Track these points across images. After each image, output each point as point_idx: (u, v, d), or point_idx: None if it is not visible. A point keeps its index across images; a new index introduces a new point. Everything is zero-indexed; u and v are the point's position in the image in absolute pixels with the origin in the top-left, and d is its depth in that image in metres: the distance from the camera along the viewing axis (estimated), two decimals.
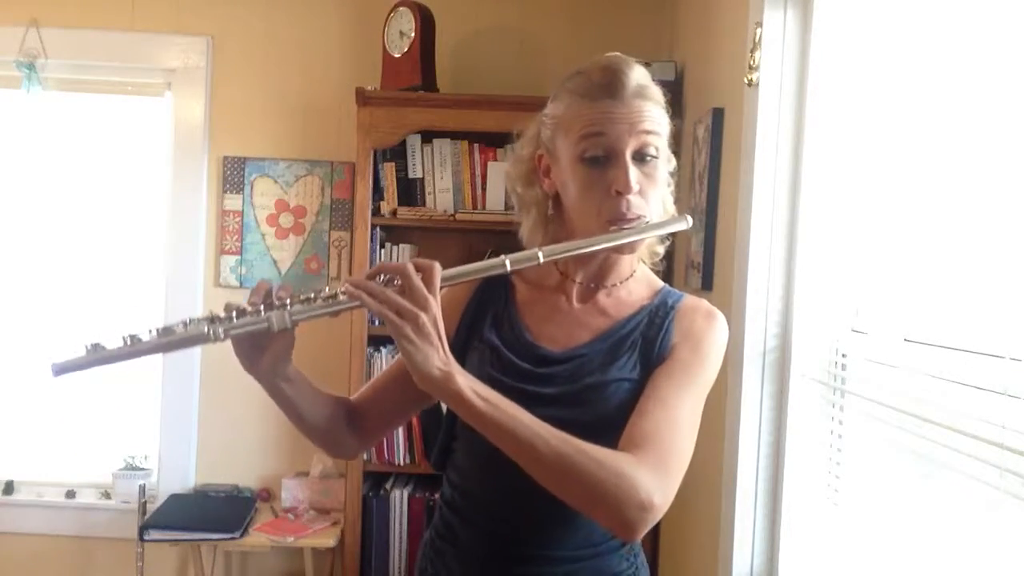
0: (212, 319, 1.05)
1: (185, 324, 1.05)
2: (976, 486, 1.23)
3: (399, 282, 1.05)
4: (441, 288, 1.06)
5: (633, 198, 1.14)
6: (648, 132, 1.14)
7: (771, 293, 1.90)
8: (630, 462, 1.03)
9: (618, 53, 1.19)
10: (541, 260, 1.12)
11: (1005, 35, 1.27)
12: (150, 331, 1.05)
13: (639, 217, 1.15)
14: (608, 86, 1.14)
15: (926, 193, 1.51)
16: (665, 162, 1.19)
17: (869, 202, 1.73)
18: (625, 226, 1.14)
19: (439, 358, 1.03)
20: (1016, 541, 1.14)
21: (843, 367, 1.75)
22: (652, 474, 1.03)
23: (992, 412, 1.19)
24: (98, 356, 1.03)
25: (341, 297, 1.06)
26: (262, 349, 1.11)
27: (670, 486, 1.06)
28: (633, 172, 1.13)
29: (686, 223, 1.20)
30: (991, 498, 1.19)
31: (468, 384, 1.03)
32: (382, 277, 1.07)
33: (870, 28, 1.71)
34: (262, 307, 1.06)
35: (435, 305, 1.04)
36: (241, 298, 1.09)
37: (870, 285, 1.72)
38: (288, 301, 1.06)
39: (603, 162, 1.14)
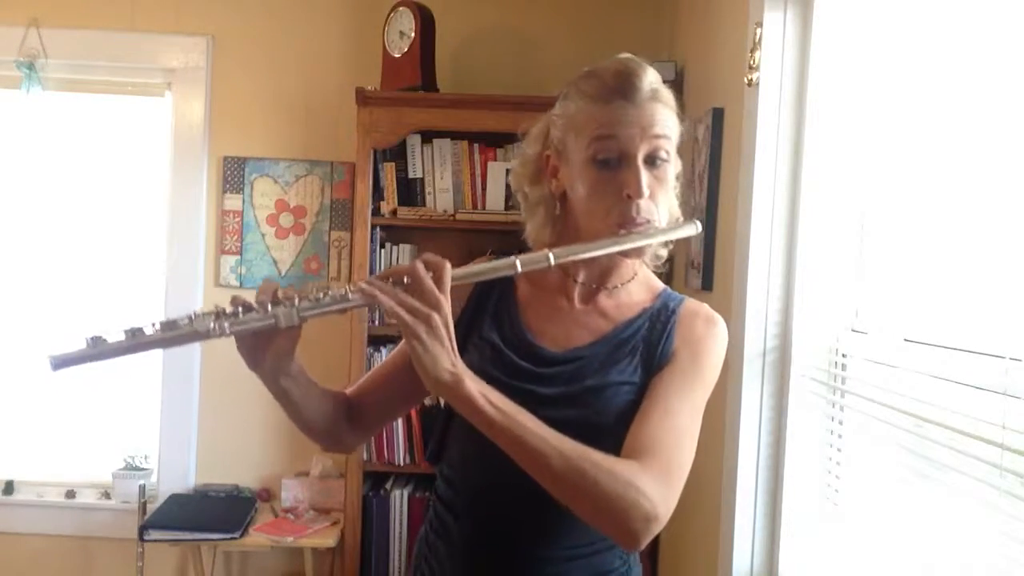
0: (218, 314, 1.03)
1: (191, 318, 1.02)
2: (976, 486, 1.24)
3: (408, 282, 1.03)
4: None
5: (643, 202, 1.13)
6: (660, 136, 1.14)
7: (771, 293, 1.90)
8: (636, 472, 1.03)
9: (630, 55, 1.18)
10: (552, 262, 1.10)
11: (1005, 35, 1.27)
12: (153, 325, 1.02)
13: (648, 221, 1.14)
14: (621, 89, 1.13)
15: (926, 193, 1.52)
16: (674, 166, 1.19)
17: (869, 202, 1.74)
18: (634, 230, 1.14)
19: (449, 361, 1.01)
20: (1016, 541, 1.14)
21: (843, 367, 1.75)
22: (656, 485, 1.03)
23: (992, 412, 1.19)
24: (99, 350, 1.00)
25: (351, 296, 1.04)
26: (265, 346, 1.09)
27: (673, 496, 1.06)
28: (644, 176, 1.13)
29: (695, 228, 1.19)
30: (991, 498, 1.19)
31: (478, 389, 1.02)
32: (391, 281, 1.05)
33: (870, 28, 1.72)
34: (269, 304, 1.04)
35: (447, 305, 1.03)
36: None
37: (870, 285, 1.73)
38: (296, 298, 1.05)
39: (614, 165, 1.14)
